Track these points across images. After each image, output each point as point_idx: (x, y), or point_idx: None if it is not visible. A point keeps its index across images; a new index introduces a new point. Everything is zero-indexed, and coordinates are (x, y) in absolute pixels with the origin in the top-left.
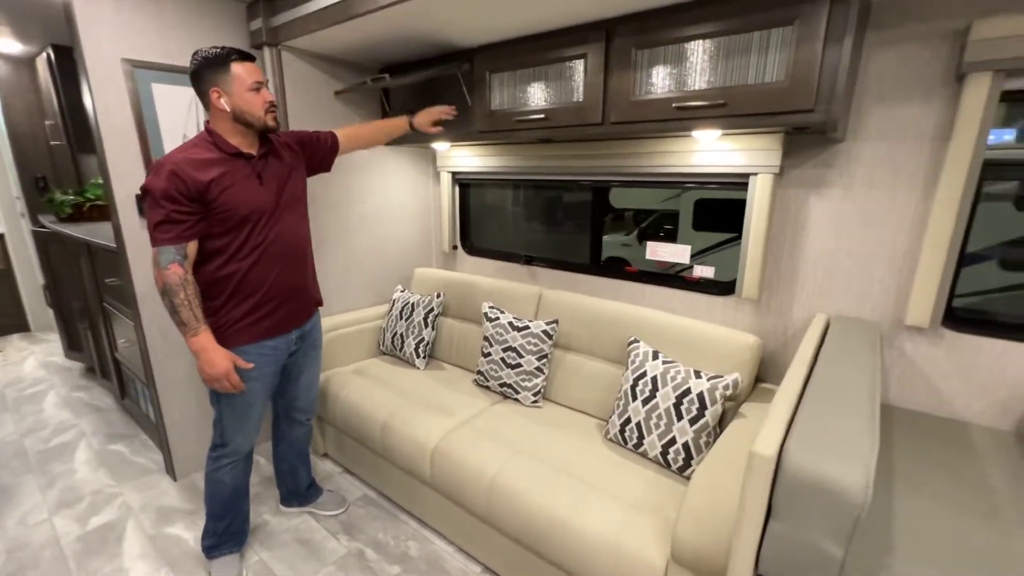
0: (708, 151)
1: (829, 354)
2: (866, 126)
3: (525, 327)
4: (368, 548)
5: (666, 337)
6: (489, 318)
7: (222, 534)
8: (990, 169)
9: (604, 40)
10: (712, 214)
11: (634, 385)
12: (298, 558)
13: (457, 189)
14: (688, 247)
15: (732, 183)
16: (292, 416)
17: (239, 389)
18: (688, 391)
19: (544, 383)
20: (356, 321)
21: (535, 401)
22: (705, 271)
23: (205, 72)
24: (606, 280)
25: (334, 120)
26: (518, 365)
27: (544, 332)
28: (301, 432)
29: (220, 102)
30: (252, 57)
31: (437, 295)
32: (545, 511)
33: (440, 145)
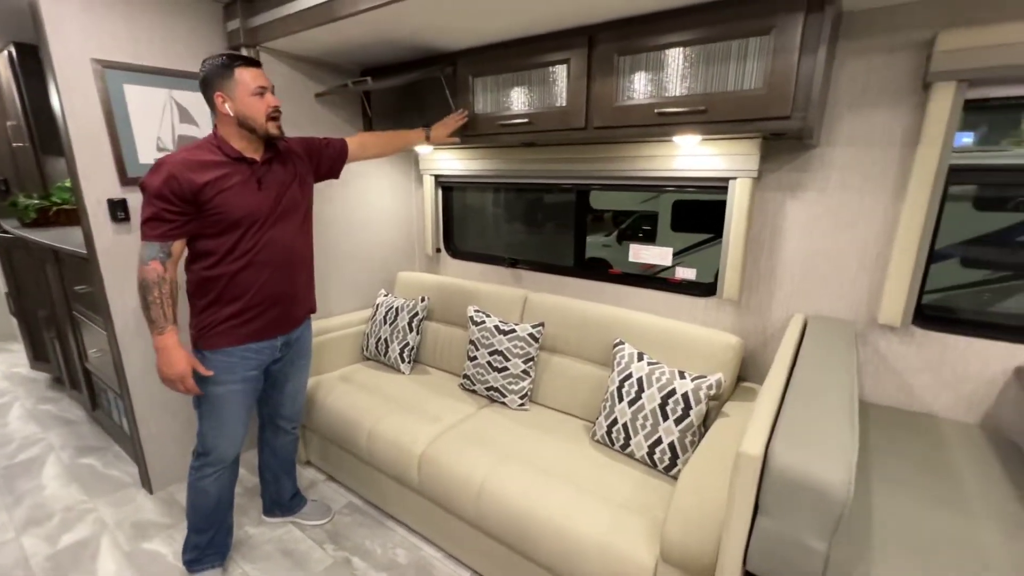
0: (689, 155)
1: (808, 354)
2: (839, 132)
3: (511, 330)
4: (355, 557)
5: (650, 338)
6: (475, 322)
7: (205, 547)
8: (953, 174)
9: (587, 46)
10: (690, 215)
11: (620, 387)
12: (283, 570)
13: (440, 192)
14: (670, 249)
15: (712, 187)
16: (277, 424)
17: (193, 393)
18: (673, 392)
19: (531, 386)
20: (339, 326)
21: (522, 404)
22: (687, 273)
23: (211, 78)
24: (590, 282)
25: (314, 122)
26: (505, 369)
27: (530, 335)
28: (286, 440)
29: (224, 107)
30: (257, 63)
31: (422, 299)
32: (535, 514)
33: (423, 148)
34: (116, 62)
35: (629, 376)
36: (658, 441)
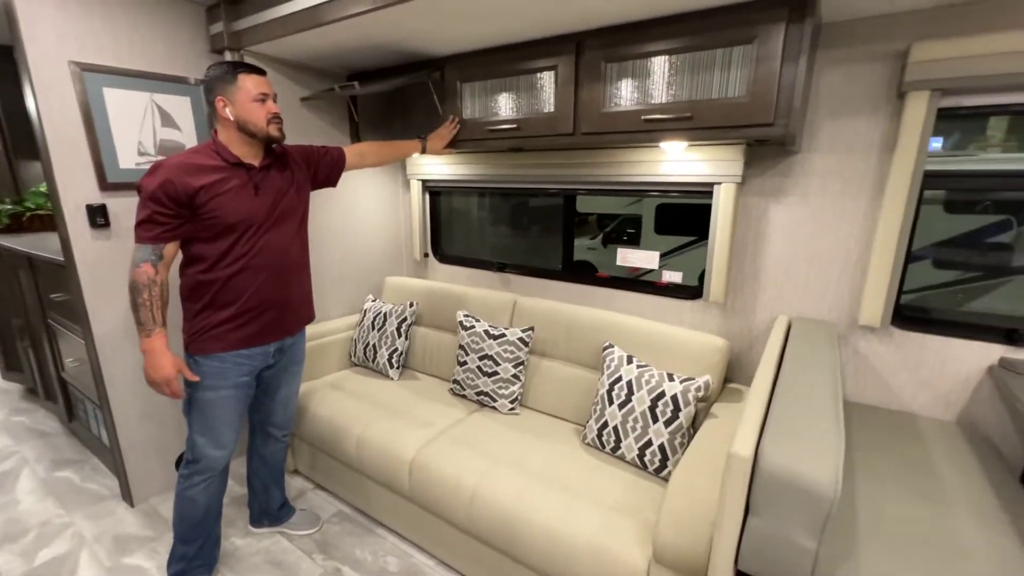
0: (675, 161)
1: (793, 355)
2: (819, 139)
3: (501, 335)
4: (345, 566)
5: (639, 341)
6: (464, 326)
7: (192, 558)
8: (928, 179)
9: (574, 53)
10: (673, 218)
11: (610, 389)
12: None
13: (427, 197)
14: (657, 253)
15: (697, 191)
16: (267, 431)
17: (177, 397)
18: (662, 394)
19: (521, 390)
20: (326, 333)
21: (512, 408)
22: (674, 276)
23: (213, 83)
24: (579, 286)
25: (300, 127)
26: (495, 373)
27: (520, 339)
28: (276, 448)
29: (225, 111)
30: (261, 71)
31: (410, 304)
32: (527, 518)
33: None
34: (95, 64)
35: (619, 379)
36: (648, 443)
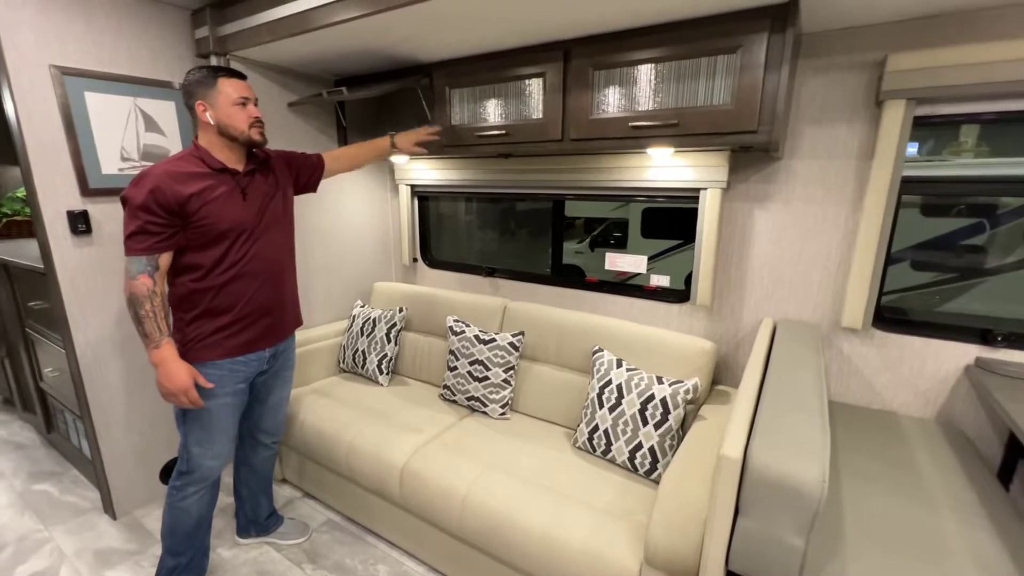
0: (662, 167)
1: (779, 358)
2: (801, 146)
3: (491, 340)
4: (335, 575)
5: (628, 345)
6: (454, 332)
7: (181, 571)
8: (905, 185)
9: (562, 60)
10: (659, 222)
11: (600, 393)
12: None
13: (416, 202)
14: (644, 257)
15: (684, 196)
16: (257, 438)
17: (197, 406)
18: (652, 397)
19: (512, 395)
20: (314, 339)
21: (503, 413)
22: (662, 280)
23: (193, 87)
24: (568, 290)
25: (287, 132)
26: (485, 378)
27: (511, 344)
28: (265, 456)
29: (205, 115)
30: (241, 75)
31: (400, 309)
32: (519, 523)
33: (399, 158)
34: (76, 69)
35: (609, 383)
36: (639, 446)
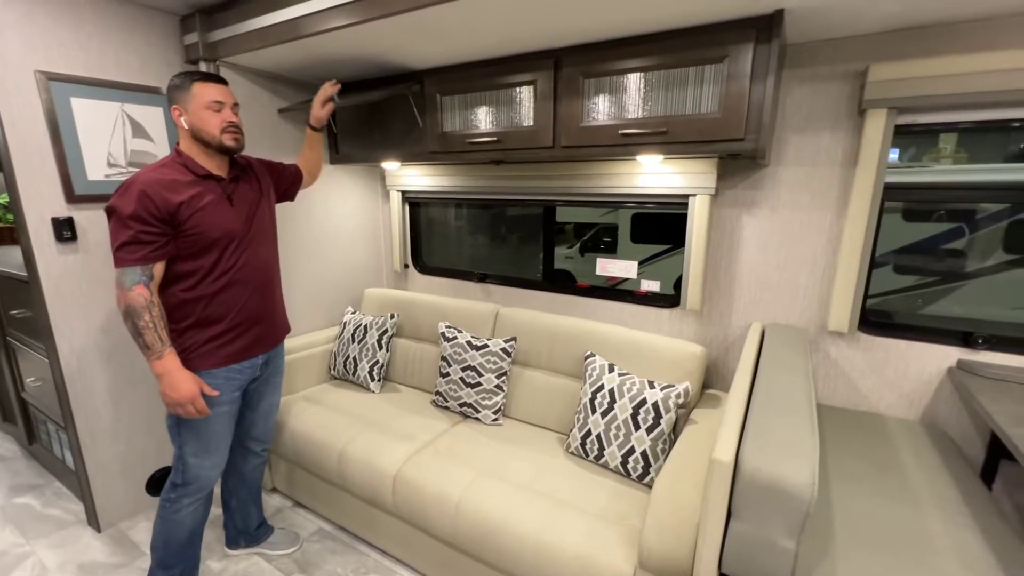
0: (652, 174)
1: (768, 362)
2: (787, 153)
3: (484, 345)
4: None
5: (620, 350)
6: (447, 338)
7: None
8: (888, 191)
9: (553, 68)
10: (648, 227)
11: (593, 398)
12: None
13: (407, 208)
14: (635, 263)
15: (673, 203)
16: (247, 446)
17: (204, 414)
18: (644, 401)
19: (504, 401)
20: (305, 346)
21: (496, 419)
22: (652, 285)
23: (171, 92)
24: (560, 296)
25: (278, 139)
26: (478, 384)
27: (503, 350)
28: (255, 464)
29: (180, 120)
30: (220, 80)
31: (391, 316)
32: (513, 529)
33: (390, 164)
34: (62, 74)
35: (601, 387)
36: (631, 450)
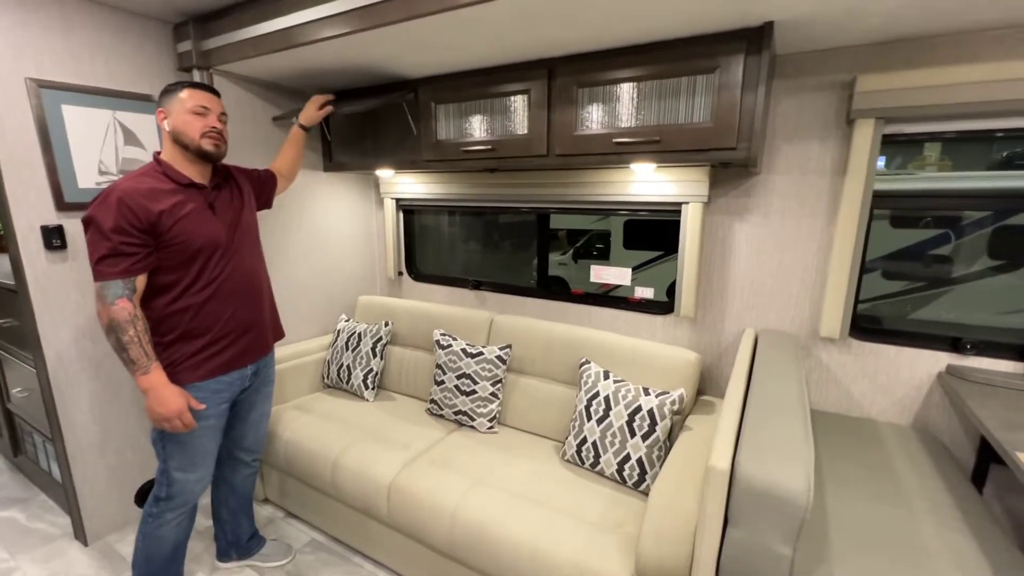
0: (645, 181)
1: (762, 368)
2: (778, 161)
3: (479, 353)
4: None
5: (615, 357)
6: (441, 345)
7: None
8: (876, 199)
9: (547, 77)
10: (641, 234)
11: (588, 405)
12: None
13: (401, 215)
14: (628, 270)
15: (666, 210)
16: (237, 456)
17: (190, 428)
18: (639, 408)
19: (499, 408)
20: (298, 354)
21: (491, 427)
22: (646, 292)
23: (160, 97)
24: (554, 303)
25: (271, 147)
26: (473, 392)
27: (498, 357)
28: (246, 474)
29: (163, 123)
30: (211, 89)
31: (385, 323)
32: (509, 538)
33: (384, 172)
34: (54, 82)
35: (596, 395)
36: (627, 458)
